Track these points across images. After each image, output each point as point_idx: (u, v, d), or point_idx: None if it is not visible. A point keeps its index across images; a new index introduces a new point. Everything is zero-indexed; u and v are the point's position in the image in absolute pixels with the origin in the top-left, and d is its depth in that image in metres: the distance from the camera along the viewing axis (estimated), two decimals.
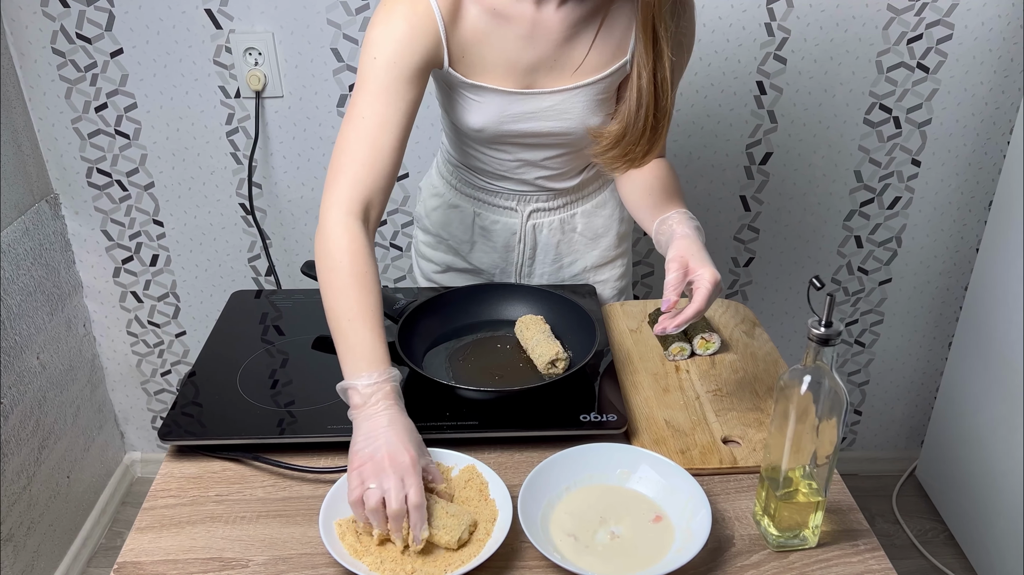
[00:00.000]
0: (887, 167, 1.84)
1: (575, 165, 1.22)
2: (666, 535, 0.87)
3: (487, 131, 1.12)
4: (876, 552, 0.87)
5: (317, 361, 1.13)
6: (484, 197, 1.26)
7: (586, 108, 1.11)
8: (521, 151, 1.17)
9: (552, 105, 1.10)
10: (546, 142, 1.15)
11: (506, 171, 1.20)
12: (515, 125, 1.11)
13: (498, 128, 1.12)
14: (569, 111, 1.11)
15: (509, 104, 1.09)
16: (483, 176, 1.24)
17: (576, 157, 1.20)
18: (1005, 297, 1.77)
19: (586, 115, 1.11)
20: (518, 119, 1.11)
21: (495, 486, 0.90)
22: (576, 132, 1.13)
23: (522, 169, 1.20)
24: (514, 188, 1.23)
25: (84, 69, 1.70)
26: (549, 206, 1.26)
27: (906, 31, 1.69)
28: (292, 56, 1.70)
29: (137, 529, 0.89)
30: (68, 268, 1.90)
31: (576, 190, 1.26)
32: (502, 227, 1.28)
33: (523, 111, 1.10)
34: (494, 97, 1.08)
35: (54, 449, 1.85)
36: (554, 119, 1.11)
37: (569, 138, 1.14)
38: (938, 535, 2.05)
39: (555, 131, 1.13)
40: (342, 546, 0.83)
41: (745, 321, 1.25)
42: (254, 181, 1.82)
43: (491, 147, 1.17)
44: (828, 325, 0.78)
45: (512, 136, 1.13)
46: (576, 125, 1.12)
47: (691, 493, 0.88)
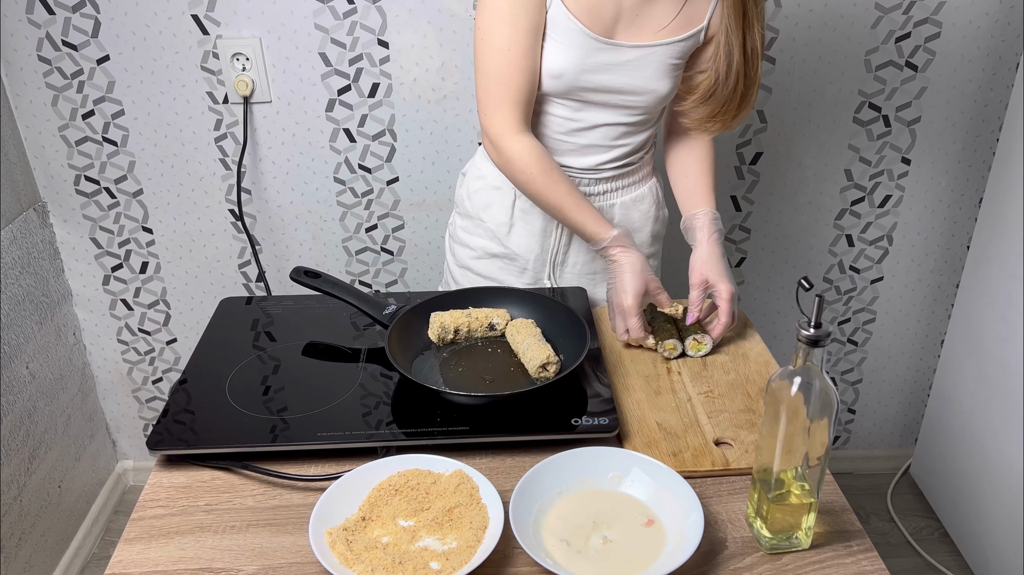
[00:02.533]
0: (877, 166, 1.84)
1: (629, 142, 1.25)
2: (658, 539, 0.86)
3: (565, 78, 1.16)
4: (869, 553, 0.87)
5: (308, 368, 1.12)
6: None
7: (658, 70, 1.17)
8: (585, 109, 1.20)
9: (629, 60, 1.15)
10: (613, 101, 1.19)
11: (564, 133, 1.23)
12: (592, 75, 1.16)
13: (576, 77, 1.16)
14: (643, 69, 1.16)
15: (590, 52, 1.14)
16: None
17: (629, 133, 1.24)
18: (996, 294, 1.77)
19: (657, 77, 1.17)
20: (595, 69, 1.15)
21: (486, 491, 0.89)
22: (644, 94, 1.18)
23: (581, 134, 1.23)
24: (561, 162, 1.25)
25: (70, 76, 1.69)
26: (589, 191, 1.28)
27: (894, 30, 1.69)
28: (280, 61, 1.69)
29: (126, 540, 0.88)
30: (57, 276, 1.89)
31: (617, 178, 1.29)
32: (540, 212, 1.29)
33: (601, 62, 1.15)
34: (580, 40, 1.13)
35: (45, 459, 1.84)
36: (627, 75, 1.16)
37: (636, 100, 1.19)
38: (933, 533, 2.05)
39: (626, 88, 1.17)
40: (332, 555, 0.82)
41: (736, 321, 1.25)
42: (243, 187, 1.81)
43: (557, 102, 1.20)
44: (817, 326, 0.77)
45: (585, 89, 1.17)
46: (646, 85, 1.17)
47: (683, 496, 0.88)
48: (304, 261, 1.90)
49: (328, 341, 1.18)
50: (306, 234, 1.88)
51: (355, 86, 1.72)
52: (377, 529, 0.86)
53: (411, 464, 0.93)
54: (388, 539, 0.85)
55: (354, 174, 1.81)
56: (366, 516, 0.87)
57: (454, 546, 0.84)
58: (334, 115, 1.74)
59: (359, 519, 0.87)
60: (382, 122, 1.75)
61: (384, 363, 1.10)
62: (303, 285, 1.18)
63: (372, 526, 0.87)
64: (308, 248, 1.89)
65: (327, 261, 1.91)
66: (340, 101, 1.73)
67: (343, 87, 1.72)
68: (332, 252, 1.90)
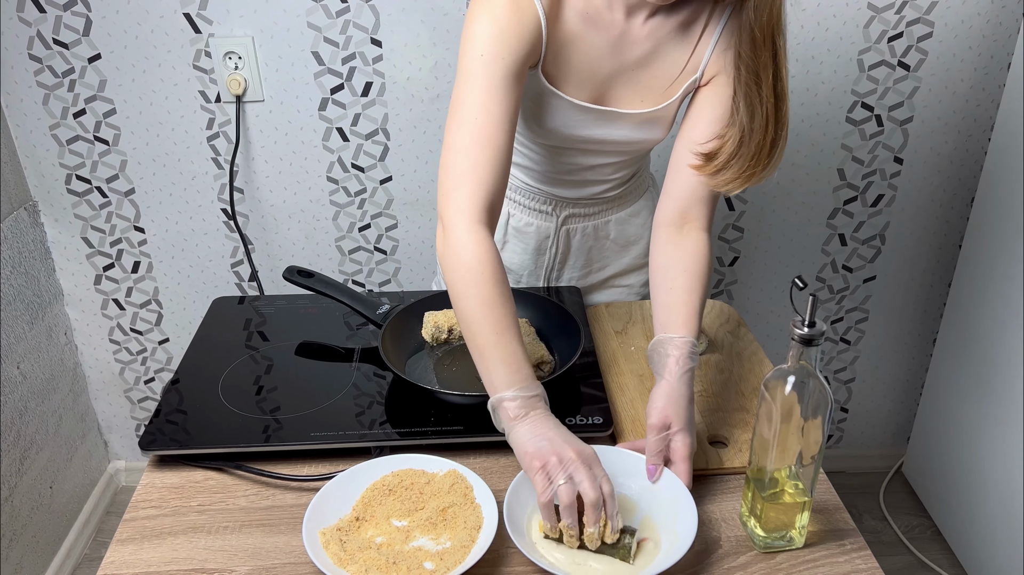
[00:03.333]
0: (870, 165, 1.85)
1: (620, 176, 1.22)
2: (652, 537, 0.86)
3: (556, 134, 1.11)
4: (863, 551, 0.87)
5: (301, 367, 1.12)
6: (521, 199, 1.25)
7: (654, 124, 1.10)
8: (578, 156, 1.16)
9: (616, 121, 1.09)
10: (606, 148, 1.14)
11: (555, 171, 1.19)
12: (584, 131, 1.10)
13: (567, 132, 1.10)
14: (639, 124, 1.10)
15: (580, 113, 1.07)
16: (525, 175, 1.23)
17: (625, 165, 1.20)
18: (988, 293, 1.78)
19: (652, 129, 1.11)
20: (587, 126, 1.09)
21: (480, 491, 0.89)
22: (639, 143, 1.13)
23: (572, 174, 1.19)
24: (555, 192, 1.22)
25: (62, 75, 1.68)
26: (584, 211, 1.25)
27: (887, 29, 1.69)
28: (272, 60, 1.68)
29: (118, 541, 0.88)
30: (48, 276, 1.88)
31: (613, 200, 1.26)
32: (536, 230, 1.27)
33: (592, 119, 1.09)
34: (567, 107, 1.07)
35: (36, 459, 1.83)
36: (622, 130, 1.10)
37: (631, 147, 1.14)
38: (925, 531, 2.06)
39: (619, 140, 1.12)
40: (326, 555, 0.82)
41: (730, 321, 1.25)
42: (236, 186, 1.80)
43: (549, 149, 1.16)
44: (811, 325, 0.77)
45: (575, 141, 1.12)
46: (641, 136, 1.11)
47: (676, 494, 0.88)
48: (297, 260, 1.90)
49: (321, 341, 1.17)
50: (299, 233, 1.87)
51: (348, 85, 1.71)
52: (371, 529, 0.86)
53: (405, 464, 0.93)
54: (382, 539, 0.85)
55: (347, 173, 1.81)
56: (360, 516, 0.87)
57: (448, 546, 0.84)
58: (327, 114, 1.74)
59: (353, 519, 0.87)
60: (375, 121, 1.75)
61: (377, 363, 1.09)
62: (296, 285, 1.17)
63: (366, 526, 0.86)
64: (301, 247, 1.89)
65: (320, 260, 1.90)
66: (333, 100, 1.73)
67: (336, 86, 1.71)
68: (325, 251, 1.90)
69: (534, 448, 0.84)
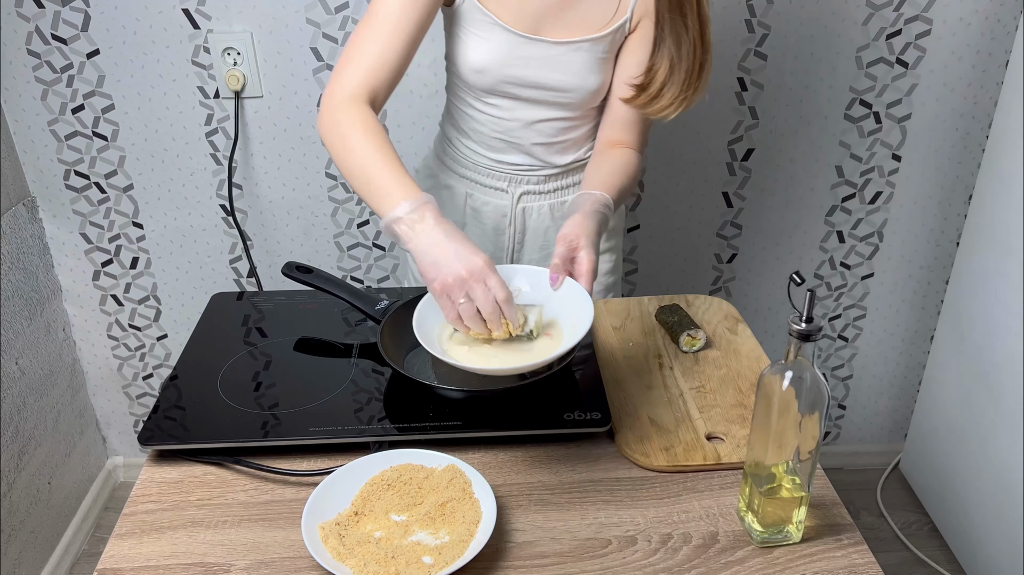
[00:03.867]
0: (868, 162, 1.85)
1: (570, 138, 1.23)
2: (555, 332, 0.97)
3: (488, 73, 1.13)
4: (860, 546, 0.87)
5: (300, 363, 1.12)
6: (476, 177, 1.27)
7: (586, 66, 1.14)
8: (518, 107, 1.18)
9: (554, 55, 1.13)
10: (543, 98, 1.16)
11: (501, 132, 1.21)
12: (516, 70, 1.13)
13: (499, 71, 1.13)
14: (570, 66, 1.13)
15: (513, 47, 1.11)
16: (478, 146, 1.25)
17: (571, 128, 1.22)
18: (985, 290, 1.78)
19: (585, 73, 1.14)
20: (520, 63, 1.12)
21: (479, 485, 0.89)
22: (573, 91, 1.15)
23: (517, 132, 1.21)
24: (507, 161, 1.24)
25: (60, 70, 1.68)
26: (539, 189, 1.27)
27: (885, 26, 1.70)
28: (271, 56, 1.68)
29: (117, 535, 0.88)
30: (47, 272, 1.88)
31: (568, 174, 1.27)
32: (492, 209, 1.29)
33: (526, 55, 1.12)
34: (500, 35, 1.10)
35: (34, 455, 1.83)
36: (554, 71, 1.13)
37: (566, 96, 1.16)
38: (922, 527, 2.06)
39: (554, 84, 1.14)
40: (325, 549, 0.82)
41: (728, 317, 1.25)
42: (234, 182, 1.80)
43: (489, 99, 1.18)
44: (808, 320, 0.78)
45: (511, 83, 1.15)
46: (574, 82, 1.14)
47: (577, 297, 0.95)
48: (295, 257, 1.90)
49: (320, 336, 1.17)
50: (297, 230, 1.87)
51: None
52: (370, 524, 0.86)
53: (404, 459, 0.93)
54: (381, 534, 0.85)
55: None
56: (359, 511, 0.87)
57: (447, 540, 0.84)
58: None
59: (352, 514, 0.87)
60: None
61: (376, 358, 1.10)
62: (295, 280, 1.17)
63: (365, 521, 0.87)
64: (300, 244, 1.89)
65: (318, 257, 1.90)
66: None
67: None
68: (324, 248, 1.90)
69: (433, 273, 0.92)
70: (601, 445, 1.00)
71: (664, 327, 1.21)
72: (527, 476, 0.95)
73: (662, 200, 1.88)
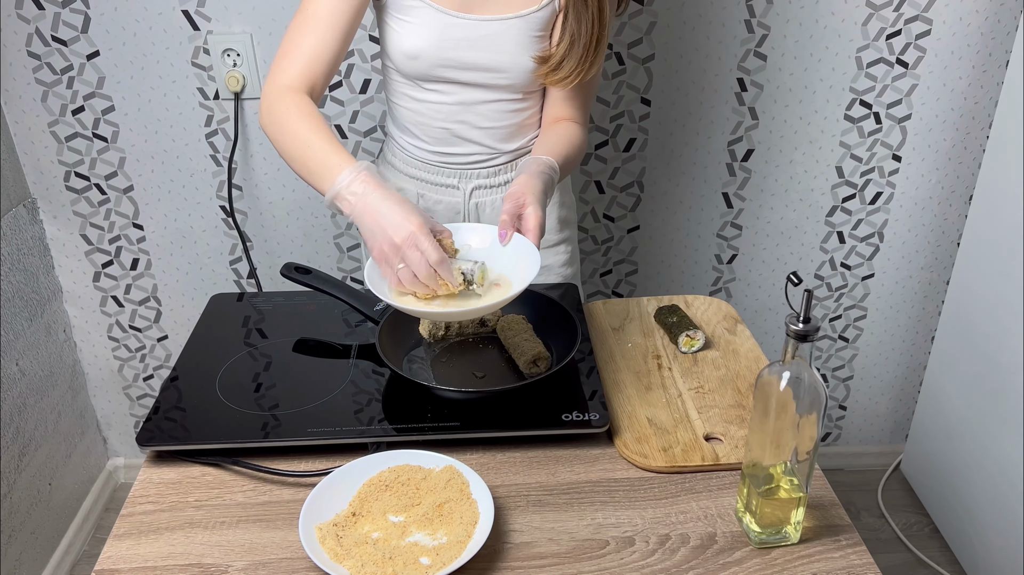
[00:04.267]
0: (868, 163, 1.85)
1: (515, 122, 1.24)
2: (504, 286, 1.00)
3: (422, 58, 1.14)
4: (858, 547, 0.87)
5: (299, 364, 1.12)
6: (426, 176, 1.28)
7: (519, 43, 1.15)
8: (457, 90, 1.19)
9: (486, 35, 1.14)
10: (481, 80, 1.17)
11: (443, 119, 1.22)
12: (449, 52, 1.14)
13: (433, 55, 1.14)
14: (504, 44, 1.14)
15: (445, 28, 1.12)
16: (423, 141, 1.25)
17: (515, 112, 1.23)
18: (986, 291, 1.78)
19: (519, 51, 1.15)
20: (453, 45, 1.14)
21: (476, 486, 0.89)
22: (510, 71, 1.16)
23: (460, 117, 1.21)
24: (455, 151, 1.25)
25: (60, 72, 1.68)
26: (491, 182, 1.28)
27: (885, 27, 1.69)
28: (271, 57, 1.68)
29: (115, 536, 0.88)
30: (47, 273, 1.88)
31: (516, 165, 1.27)
32: (446, 207, 1.29)
33: (458, 36, 1.13)
34: (430, 16, 1.12)
35: (35, 456, 1.83)
36: (487, 51, 1.15)
37: (504, 76, 1.17)
38: (923, 528, 2.06)
39: (489, 65, 1.15)
40: (322, 550, 0.82)
41: (727, 318, 1.25)
42: (234, 183, 1.80)
43: (427, 86, 1.19)
44: (806, 321, 0.78)
45: (447, 66, 1.15)
46: (510, 61, 1.16)
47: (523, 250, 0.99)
48: (295, 257, 1.90)
49: (319, 337, 1.17)
50: (297, 231, 1.87)
51: (346, 82, 1.71)
52: (367, 525, 0.86)
53: (401, 460, 0.93)
54: (378, 534, 0.85)
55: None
56: (356, 512, 0.87)
57: (444, 541, 0.84)
58: (325, 111, 1.74)
59: (349, 515, 0.87)
60: (373, 118, 1.75)
61: (375, 359, 1.10)
62: (294, 281, 1.18)
63: (362, 522, 0.87)
64: (299, 245, 1.89)
65: (318, 258, 1.90)
66: (331, 97, 1.73)
67: (334, 83, 1.71)
68: (323, 249, 1.90)
69: (371, 242, 0.97)
70: (599, 446, 1.00)
71: (663, 327, 1.21)
72: (525, 477, 0.95)
73: (662, 201, 1.87)
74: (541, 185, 1.06)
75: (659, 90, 1.75)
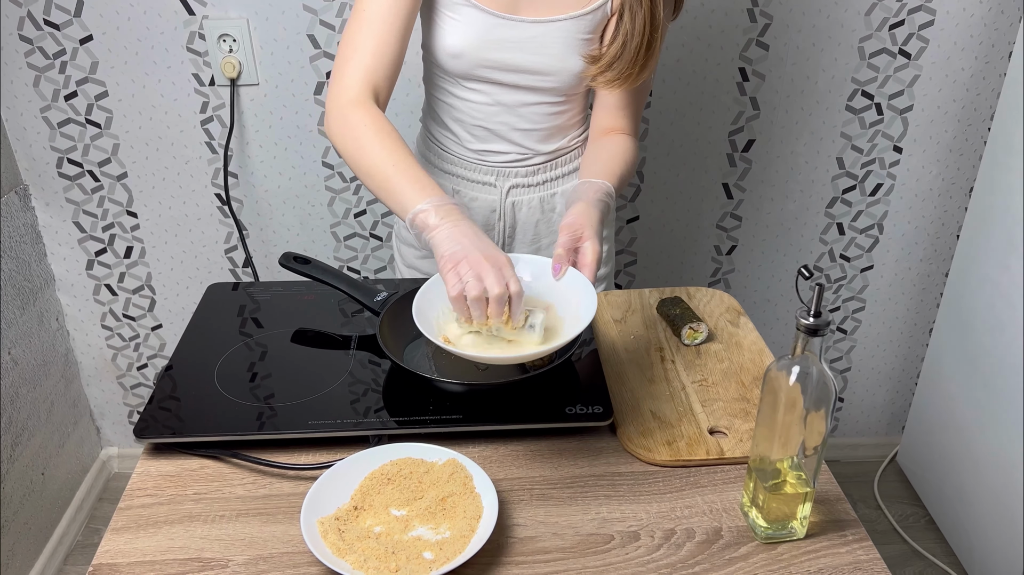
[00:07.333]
0: (869, 154, 1.84)
1: (555, 124, 1.21)
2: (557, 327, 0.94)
3: (465, 57, 1.11)
4: (864, 542, 0.86)
5: (297, 355, 1.10)
6: (463, 172, 1.25)
7: (566, 46, 1.11)
8: (499, 91, 1.15)
9: (532, 36, 1.10)
10: (524, 82, 1.14)
11: (483, 119, 1.19)
12: (493, 53, 1.11)
13: (476, 55, 1.11)
14: (550, 46, 1.11)
15: (490, 28, 1.09)
16: (461, 139, 1.22)
17: (556, 114, 1.19)
18: (985, 283, 1.77)
19: (566, 53, 1.11)
20: (497, 46, 1.10)
21: (480, 480, 0.88)
22: (556, 73, 1.13)
23: (500, 118, 1.18)
24: (492, 151, 1.22)
25: (52, 56, 1.66)
26: (528, 182, 1.25)
27: (888, 17, 1.68)
28: (267, 43, 1.66)
29: (113, 529, 0.87)
30: (39, 261, 1.86)
31: (555, 165, 1.25)
32: (481, 204, 1.27)
33: (503, 37, 1.09)
34: (475, 17, 1.08)
35: (28, 445, 1.81)
36: (533, 53, 1.11)
37: (548, 79, 1.14)
38: (919, 520, 2.06)
39: (533, 67, 1.12)
40: (324, 545, 0.81)
41: (730, 310, 1.24)
42: (230, 171, 1.78)
43: (469, 84, 1.16)
44: (817, 315, 0.76)
45: (490, 67, 1.12)
46: (556, 64, 1.12)
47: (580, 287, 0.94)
48: (292, 247, 1.88)
49: (317, 328, 1.16)
50: (294, 219, 1.85)
51: None
52: (369, 518, 0.85)
53: (404, 453, 0.92)
54: (381, 529, 0.84)
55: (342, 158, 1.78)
56: (358, 505, 0.86)
57: (447, 535, 0.83)
58: (322, 98, 1.72)
59: (351, 508, 0.86)
60: None
61: (374, 350, 1.08)
62: (293, 271, 1.16)
63: (364, 515, 0.86)
64: (296, 234, 1.87)
65: (315, 247, 1.89)
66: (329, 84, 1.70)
67: (331, 70, 1.69)
68: (320, 238, 1.88)
69: (449, 252, 0.89)
70: (603, 439, 0.99)
71: (666, 320, 1.20)
72: (528, 470, 0.94)
73: (662, 191, 1.86)
74: (598, 215, 1.01)
75: (660, 79, 1.73)
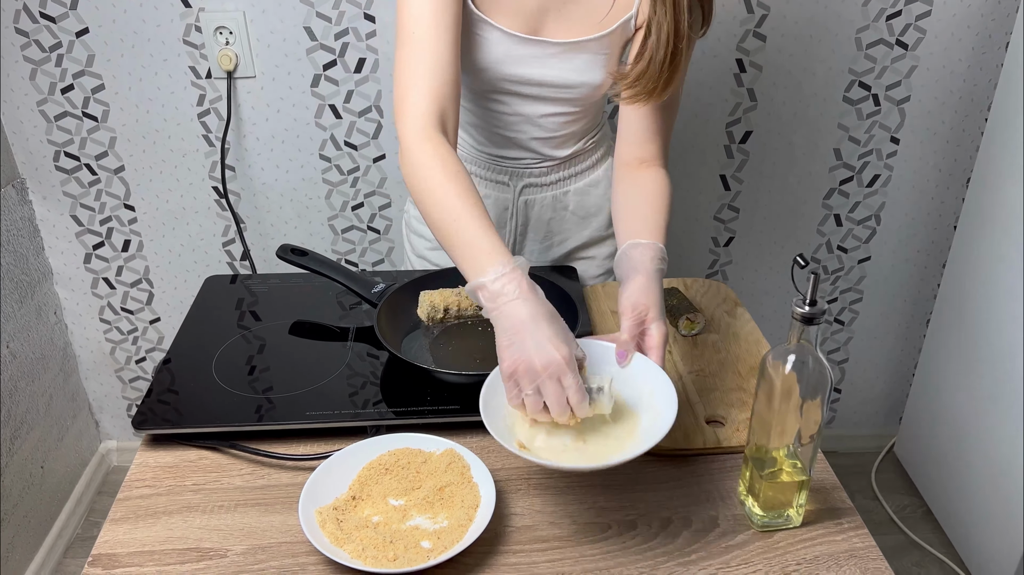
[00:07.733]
0: (866, 145, 1.84)
1: (572, 131, 1.20)
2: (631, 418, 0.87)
3: (488, 72, 1.10)
4: (860, 530, 0.87)
5: (295, 347, 1.11)
6: (477, 171, 1.25)
7: (590, 62, 1.09)
8: (519, 103, 1.14)
9: (555, 54, 1.09)
10: (546, 94, 1.13)
11: (502, 127, 1.18)
12: (516, 68, 1.09)
13: (498, 70, 1.09)
14: (572, 61, 1.09)
15: (512, 46, 1.07)
16: (478, 142, 1.22)
17: (573, 121, 1.18)
18: (982, 275, 1.78)
19: (588, 68, 1.10)
20: (520, 62, 1.09)
21: (477, 470, 0.88)
22: (579, 87, 1.12)
23: (519, 127, 1.17)
24: (508, 155, 1.21)
25: (49, 49, 1.65)
26: (542, 181, 1.24)
27: (885, 7, 1.68)
28: (264, 35, 1.66)
29: (112, 520, 0.87)
30: (37, 255, 1.86)
31: (569, 165, 1.24)
32: (494, 202, 1.26)
33: (526, 54, 1.08)
34: (499, 37, 1.07)
35: (27, 439, 1.82)
36: (555, 68, 1.10)
37: (571, 92, 1.12)
38: (916, 510, 2.07)
39: (557, 82, 1.11)
40: (323, 534, 0.81)
41: (727, 301, 1.24)
42: (227, 164, 1.78)
43: (490, 96, 1.15)
44: (812, 304, 0.77)
45: (512, 81, 1.11)
46: (579, 78, 1.10)
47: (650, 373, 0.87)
48: (289, 239, 1.88)
49: (315, 320, 1.16)
50: (291, 212, 1.85)
51: (341, 61, 1.69)
52: (368, 508, 0.86)
53: (401, 443, 0.92)
54: (379, 518, 0.84)
55: (340, 151, 1.79)
56: (356, 495, 0.86)
57: (445, 525, 0.83)
58: (319, 91, 1.72)
59: (349, 498, 0.86)
60: (368, 98, 1.73)
61: (372, 342, 1.09)
62: (290, 263, 1.16)
63: (362, 505, 0.86)
64: (293, 227, 1.87)
65: (312, 240, 1.89)
66: (326, 76, 1.70)
67: (328, 62, 1.69)
68: (318, 231, 1.88)
69: (508, 354, 0.82)
70: None
71: None
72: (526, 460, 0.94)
73: None
74: (659, 289, 0.93)
75: None
